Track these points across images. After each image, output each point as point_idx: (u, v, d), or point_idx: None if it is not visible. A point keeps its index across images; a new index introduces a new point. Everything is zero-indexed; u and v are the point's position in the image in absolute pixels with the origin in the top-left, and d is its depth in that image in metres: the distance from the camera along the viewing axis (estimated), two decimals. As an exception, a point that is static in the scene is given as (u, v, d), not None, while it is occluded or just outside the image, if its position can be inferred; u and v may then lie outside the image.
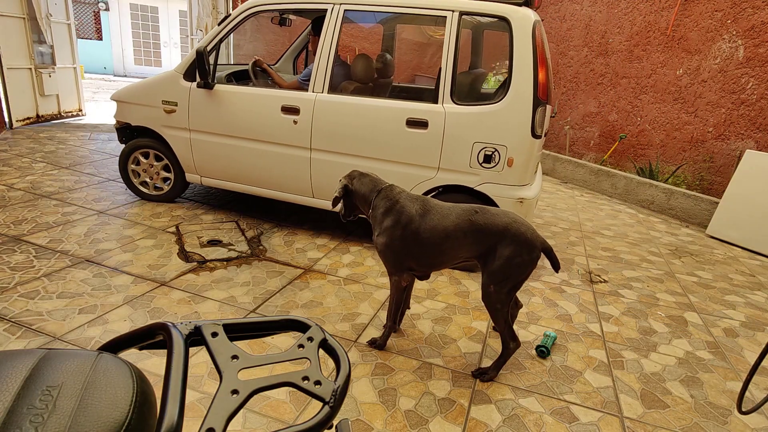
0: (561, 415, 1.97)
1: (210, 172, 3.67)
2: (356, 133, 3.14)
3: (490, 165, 2.95)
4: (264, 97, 3.31)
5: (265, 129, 3.34)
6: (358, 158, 3.20)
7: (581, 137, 6.72)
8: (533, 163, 3.01)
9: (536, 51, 2.79)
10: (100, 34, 14.41)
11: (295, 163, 3.35)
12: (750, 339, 2.72)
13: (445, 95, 2.97)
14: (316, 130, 3.22)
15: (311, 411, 1.85)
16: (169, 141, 3.66)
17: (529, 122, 2.83)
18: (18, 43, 5.72)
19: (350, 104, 3.13)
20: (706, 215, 4.70)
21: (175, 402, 0.57)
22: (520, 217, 2.05)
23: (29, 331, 2.16)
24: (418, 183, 3.14)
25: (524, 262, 1.97)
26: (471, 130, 2.93)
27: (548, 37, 7.12)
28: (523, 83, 2.83)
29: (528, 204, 3.00)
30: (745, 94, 4.78)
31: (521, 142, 2.87)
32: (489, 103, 2.92)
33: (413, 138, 3.03)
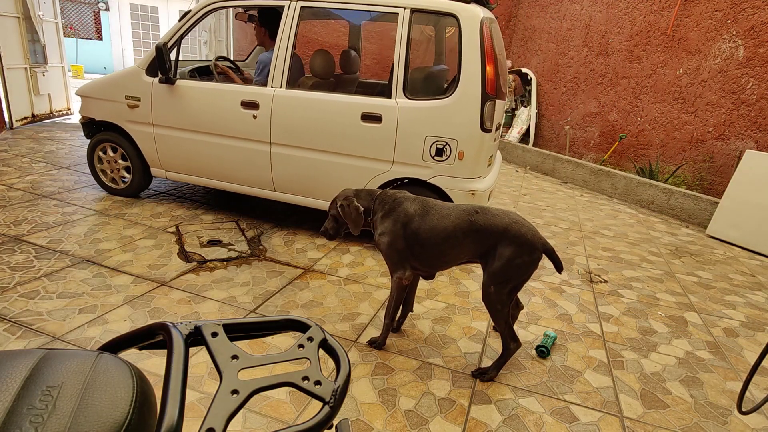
0: (561, 415, 1.97)
1: (174, 166, 3.71)
2: (314, 128, 3.20)
3: (441, 158, 3.02)
4: (224, 92, 3.36)
5: (226, 123, 3.39)
6: (317, 152, 3.26)
7: (581, 137, 6.72)
8: (484, 156, 3.08)
9: (484, 47, 2.86)
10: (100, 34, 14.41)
11: (256, 157, 3.41)
12: (750, 339, 2.72)
13: (398, 90, 3.03)
14: (275, 124, 3.27)
15: (311, 411, 1.85)
16: (133, 136, 3.70)
17: (478, 117, 2.91)
18: (14, 43, 5.72)
19: (307, 99, 3.18)
20: (706, 215, 4.70)
21: (175, 402, 0.57)
22: (521, 218, 2.05)
23: (29, 331, 2.16)
24: (374, 176, 3.19)
25: (524, 263, 1.97)
26: (423, 124, 3.00)
27: (548, 37, 7.12)
28: (471, 79, 2.89)
29: (480, 196, 3.07)
30: (745, 94, 4.78)
31: (471, 136, 2.95)
32: (440, 98, 2.99)
33: (368, 132, 3.09)
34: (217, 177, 3.62)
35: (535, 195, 5.34)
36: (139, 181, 3.88)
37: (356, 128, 3.11)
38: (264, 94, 3.25)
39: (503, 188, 5.46)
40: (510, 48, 7.95)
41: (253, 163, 3.43)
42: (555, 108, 7.14)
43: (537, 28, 7.35)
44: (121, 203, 3.80)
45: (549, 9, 7.10)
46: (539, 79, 7.37)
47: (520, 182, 5.85)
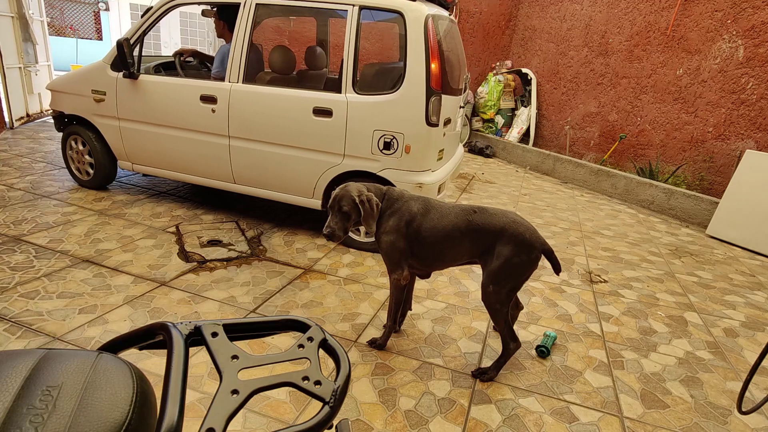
0: (561, 415, 1.97)
1: (140, 159, 3.81)
2: (269, 122, 3.27)
3: (389, 151, 3.09)
4: (184, 87, 3.44)
5: (186, 117, 3.47)
6: (273, 145, 3.33)
7: (581, 137, 6.72)
8: (432, 150, 3.14)
9: (428, 43, 2.93)
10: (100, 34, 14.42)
11: (216, 150, 3.49)
12: (750, 339, 2.72)
13: (347, 85, 3.10)
14: (232, 118, 3.35)
15: (311, 411, 1.85)
16: (100, 129, 3.80)
17: (423, 111, 2.98)
18: (10, 43, 5.72)
19: (262, 94, 3.25)
20: (706, 215, 4.70)
21: (175, 402, 0.57)
22: (519, 218, 2.05)
23: (29, 331, 2.16)
24: (327, 169, 3.26)
25: (522, 263, 1.97)
26: (371, 118, 3.07)
27: (548, 37, 7.12)
28: (416, 74, 2.96)
29: (428, 189, 3.12)
30: (745, 94, 4.78)
31: (417, 130, 3.01)
32: (387, 93, 3.05)
33: (320, 126, 3.17)
34: (180, 169, 3.70)
35: (535, 195, 5.34)
36: (102, 174, 3.98)
37: (308, 122, 3.18)
38: (222, 89, 3.33)
39: (503, 188, 5.46)
40: (510, 48, 7.95)
41: (214, 155, 3.51)
42: (555, 108, 7.14)
43: (537, 28, 7.35)
44: (121, 203, 3.80)
45: (549, 9, 7.10)
46: (539, 79, 7.37)
47: (520, 182, 5.85)
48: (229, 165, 3.50)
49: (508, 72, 7.57)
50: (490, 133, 7.55)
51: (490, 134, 7.49)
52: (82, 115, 3.83)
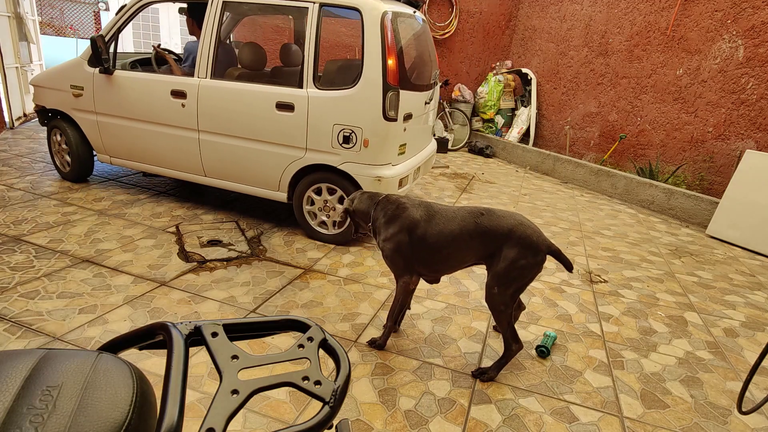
0: (561, 415, 1.97)
1: (117, 152, 3.93)
2: (235, 116, 3.36)
3: (349, 145, 3.15)
4: (156, 82, 3.54)
5: (159, 112, 3.58)
6: (239, 139, 3.41)
7: (581, 137, 6.72)
8: (391, 145, 3.20)
9: (384, 39, 3.01)
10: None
11: (187, 144, 3.59)
12: (750, 339, 2.72)
13: (308, 81, 3.16)
14: (201, 113, 3.44)
15: (311, 411, 1.85)
16: (79, 123, 3.93)
17: (380, 106, 3.04)
18: (8, 42, 5.71)
19: (228, 89, 3.34)
20: (706, 215, 4.70)
21: (175, 402, 0.57)
22: (526, 220, 2.06)
23: (29, 331, 2.16)
24: (290, 162, 3.33)
25: (529, 265, 1.97)
26: (331, 112, 3.14)
27: (548, 37, 7.12)
28: (373, 69, 3.03)
29: (387, 183, 3.19)
30: (745, 94, 4.77)
31: (374, 124, 3.08)
32: (346, 88, 3.12)
33: (283, 120, 3.24)
34: (155, 162, 3.81)
35: (535, 195, 5.34)
36: (78, 166, 4.10)
37: (272, 116, 3.26)
38: (190, 84, 3.43)
39: (503, 188, 5.46)
40: (510, 48, 7.95)
41: (185, 149, 3.61)
42: (555, 108, 7.14)
43: (537, 28, 7.36)
44: (121, 203, 3.80)
45: (549, 9, 7.10)
46: (539, 79, 7.37)
47: (520, 182, 5.85)
48: (200, 158, 3.60)
49: (508, 72, 7.57)
50: (490, 133, 7.55)
51: (490, 134, 7.49)
52: (62, 110, 3.96)
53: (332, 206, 3.37)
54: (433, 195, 4.91)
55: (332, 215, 3.40)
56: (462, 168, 6.23)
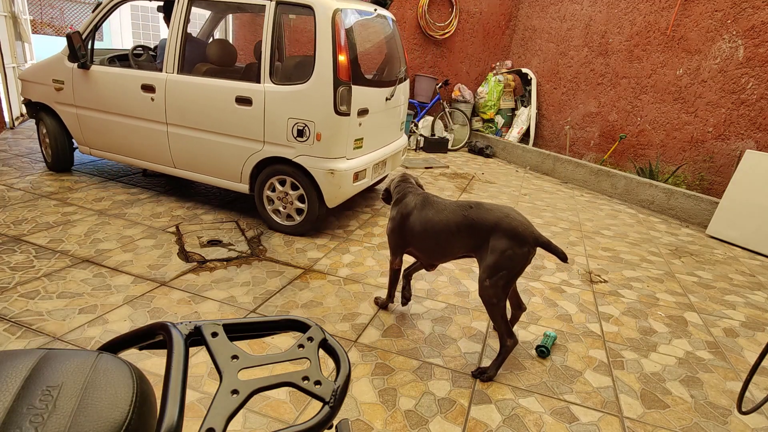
0: (561, 415, 1.97)
1: (95, 144, 4.11)
2: (200, 110, 3.47)
3: (302, 139, 3.24)
4: (127, 77, 3.69)
5: (131, 105, 3.73)
6: (204, 132, 3.53)
7: (581, 137, 6.72)
8: (344, 139, 3.27)
9: (335, 36, 3.10)
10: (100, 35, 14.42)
11: (156, 136, 3.73)
12: (750, 339, 2.72)
13: (265, 76, 3.26)
14: (169, 106, 3.58)
15: (311, 411, 1.85)
16: (61, 115, 4.12)
17: (332, 100, 3.12)
18: (5, 42, 5.71)
19: (193, 83, 3.46)
20: (706, 215, 4.70)
21: (175, 402, 0.57)
22: (515, 212, 2.10)
23: (29, 331, 2.16)
24: (250, 155, 3.44)
25: (516, 256, 2.01)
26: (286, 107, 3.22)
27: (548, 37, 7.13)
28: (324, 65, 3.11)
29: (340, 176, 3.27)
30: (745, 94, 4.77)
31: (326, 119, 3.16)
32: (299, 83, 3.20)
33: (242, 114, 3.35)
34: (130, 154, 3.97)
35: (535, 195, 5.34)
36: (57, 157, 4.30)
37: (232, 110, 3.37)
38: (159, 79, 3.56)
39: (503, 188, 5.46)
40: (510, 48, 7.95)
41: (155, 141, 3.76)
42: (555, 108, 7.14)
43: (537, 28, 7.35)
44: (121, 203, 3.80)
45: (549, 9, 7.10)
46: (539, 79, 7.37)
47: (520, 182, 5.85)
48: (169, 150, 3.74)
49: (508, 72, 7.57)
50: (490, 133, 7.54)
51: (490, 134, 7.49)
52: (46, 103, 4.14)
53: (291, 200, 3.48)
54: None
55: (288, 208, 3.51)
56: (462, 168, 6.23)
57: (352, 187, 3.44)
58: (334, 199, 3.38)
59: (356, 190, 3.52)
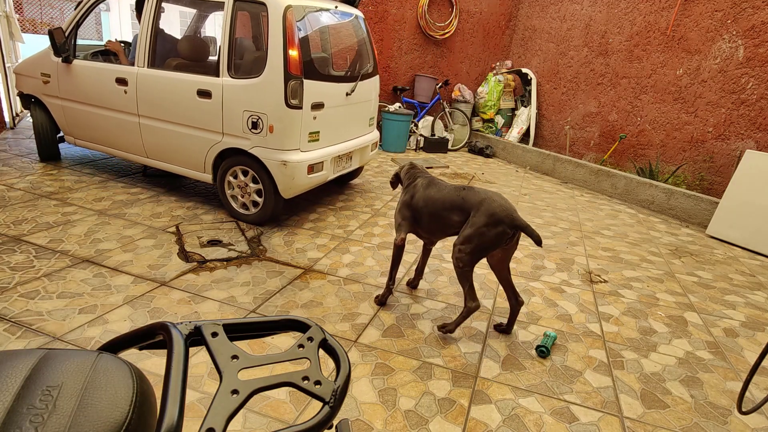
0: (561, 415, 1.97)
1: (79, 134, 4.32)
2: (166, 102, 3.63)
3: (257, 131, 3.35)
4: (104, 71, 3.88)
5: (107, 97, 3.92)
6: (170, 123, 3.69)
7: (581, 137, 6.72)
8: (296, 131, 3.36)
9: (286, 32, 3.19)
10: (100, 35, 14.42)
11: (130, 127, 3.92)
12: (750, 339, 2.72)
13: (223, 69, 3.38)
14: (140, 98, 3.75)
15: (311, 411, 1.85)
16: (48, 107, 4.35)
17: (283, 93, 3.22)
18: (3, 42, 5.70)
19: (160, 77, 3.61)
20: (706, 215, 4.70)
21: (175, 402, 0.57)
22: (498, 196, 2.31)
23: (29, 331, 2.16)
24: (211, 146, 3.57)
25: (489, 233, 2.22)
26: (241, 100, 3.34)
27: (548, 37, 7.13)
28: (276, 59, 3.21)
29: (292, 168, 3.36)
30: (745, 94, 4.78)
31: (278, 111, 3.26)
32: (253, 76, 3.31)
33: (203, 106, 3.48)
34: (108, 144, 4.17)
35: (535, 195, 5.34)
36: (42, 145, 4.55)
37: (194, 103, 3.51)
38: (131, 72, 3.73)
39: (503, 188, 5.46)
40: (510, 48, 7.95)
41: (129, 132, 3.94)
42: (555, 108, 7.14)
43: (537, 28, 7.35)
44: (121, 203, 3.80)
45: (549, 9, 7.10)
46: (539, 79, 7.37)
47: (520, 182, 5.85)
48: (141, 140, 3.91)
49: (508, 72, 7.57)
50: (490, 133, 7.54)
51: (490, 134, 7.49)
52: (35, 95, 4.38)
53: (249, 190, 3.60)
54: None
55: (246, 198, 3.63)
56: (462, 168, 6.23)
57: (307, 179, 3.51)
58: (288, 190, 3.47)
59: (313, 182, 3.61)
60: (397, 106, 6.82)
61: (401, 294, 2.84)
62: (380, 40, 6.90)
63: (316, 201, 4.34)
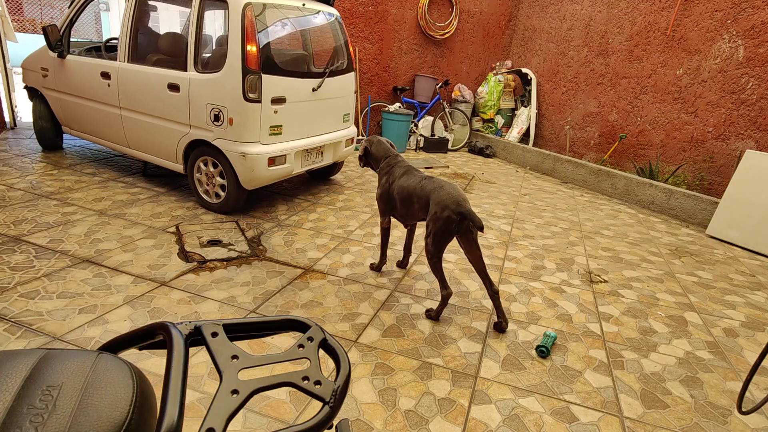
0: (561, 415, 1.97)
1: (73, 125, 4.61)
2: (143, 95, 3.81)
3: (218, 123, 3.49)
4: (92, 65, 4.10)
5: (94, 90, 4.15)
6: (146, 115, 3.87)
7: (581, 137, 6.72)
8: (254, 124, 3.47)
9: (245, 28, 3.33)
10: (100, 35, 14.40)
11: (114, 119, 4.13)
12: (750, 339, 2.72)
13: (190, 64, 3.54)
14: (120, 91, 3.95)
15: (311, 411, 1.85)
16: (47, 99, 4.65)
17: (241, 87, 3.34)
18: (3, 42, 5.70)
19: (137, 71, 3.81)
20: (706, 215, 4.70)
21: (175, 402, 0.57)
22: (449, 185, 2.51)
23: (29, 331, 2.16)
24: (181, 137, 3.73)
25: (440, 219, 2.41)
26: (205, 93, 3.49)
27: (548, 37, 7.13)
28: (235, 55, 3.34)
29: (252, 159, 3.47)
30: (745, 94, 4.78)
31: (236, 104, 3.38)
32: (216, 71, 3.45)
33: (173, 99, 3.65)
34: (97, 135, 4.41)
35: (535, 195, 5.34)
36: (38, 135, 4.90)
37: (165, 96, 3.68)
38: (113, 67, 3.95)
39: (503, 188, 5.46)
40: (510, 48, 7.95)
41: (113, 123, 4.16)
42: (555, 108, 7.14)
43: (537, 28, 7.36)
44: (121, 203, 3.80)
45: (549, 9, 7.10)
46: (539, 79, 7.37)
47: (520, 182, 5.85)
48: (123, 131, 4.12)
49: (508, 72, 7.57)
50: (490, 133, 7.54)
51: (490, 134, 7.49)
52: (36, 87, 4.70)
53: (214, 181, 3.74)
54: (433, 195, 4.91)
55: (211, 188, 3.80)
56: (462, 168, 6.23)
57: (268, 171, 3.60)
58: (249, 181, 3.57)
59: (275, 174, 3.70)
60: (397, 106, 6.82)
61: (401, 294, 2.84)
62: (380, 40, 6.90)
63: (317, 201, 4.34)
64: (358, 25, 6.63)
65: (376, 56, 6.95)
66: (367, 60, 6.88)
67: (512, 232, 4.06)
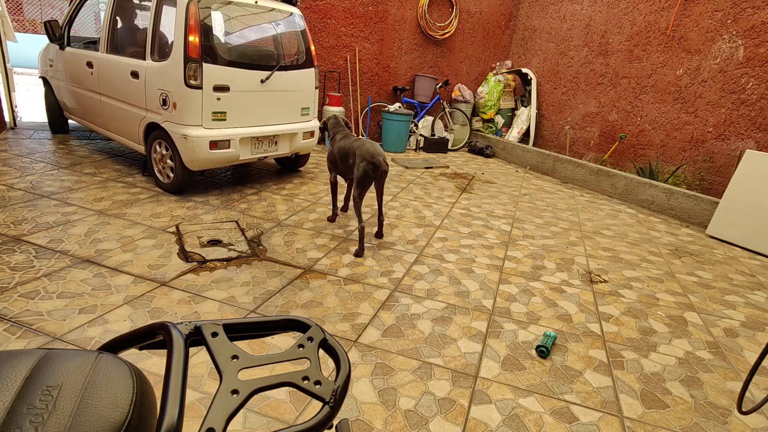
0: (561, 415, 1.97)
1: (72, 111, 5.17)
2: (114, 82, 4.24)
3: (165, 107, 3.81)
4: (81, 56, 4.59)
5: (84, 79, 4.63)
6: (117, 101, 4.29)
7: (581, 137, 6.72)
8: (196, 109, 3.75)
9: (188, 20, 3.61)
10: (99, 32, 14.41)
11: (97, 104, 4.58)
12: (750, 339, 2.72)
13: (148, 54, 3.90)
14: (99, 79, 4.40)
15: (311, 411, 1.85)
16: (54, 88, 5.31)
17: (182, 74, 3.64)
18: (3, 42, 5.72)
19: (110, 60, 4.24)
20: (706, 215, 4.70)
21: (175, 402, 0.57)
22: (369, 142, 3.29)
23: (29, 331, 2.16)
24: (140, 120, 4.09)
25: (359, 168, 3.20)
26: (157, 79, 3.82)
27: (548, 37, 7.13)
28: (178, 44, 3.65)
29: (192, 142, 3.75)
30: (745, 94, 4.78)
31: (179, 90, 3.69)
32: (164, 60, 3.78)
33: (135, 85, 4.02)
34: (86, 119, 4.92)
35: (536, 195, 5.34)
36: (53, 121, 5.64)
37: (129, 83, 4.06)
38: (95, 57, 4.42)
39: (503, 188, 5.46)
40: (510, 48, 7.95)
41: (96, 108, 4.61)
42: (555, 108, 7.14)
43: (537, 28, 7.35)
44: (121, 203, 3.80)
45: (549, 9, 7.10)
46: (539, 79, 7.37)
47: (520, 182, 5.85)
48: (103, 116, 4.56)
49: (508, 72, 7.56)
50: (490, 133, 7.55)
51: (490, 134, 7.49)
52: (46, 77, 5.38)
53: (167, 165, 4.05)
54: (433, 194, 4.92)
55: (162, 170, 4.12)
56: (462, 168, 6.23)
57: (209, 154, 3.85)
58: (191, 162, 3.84)
59: (217, 158, 3.93)
60: (397, 106, 6.82)
61: (401, 294, 2.84)
62: (380, 40, 6.90)
63: (317, 201, 4.34)
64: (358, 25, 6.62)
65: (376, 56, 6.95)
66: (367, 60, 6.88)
67: (512, 232, 4.06)
